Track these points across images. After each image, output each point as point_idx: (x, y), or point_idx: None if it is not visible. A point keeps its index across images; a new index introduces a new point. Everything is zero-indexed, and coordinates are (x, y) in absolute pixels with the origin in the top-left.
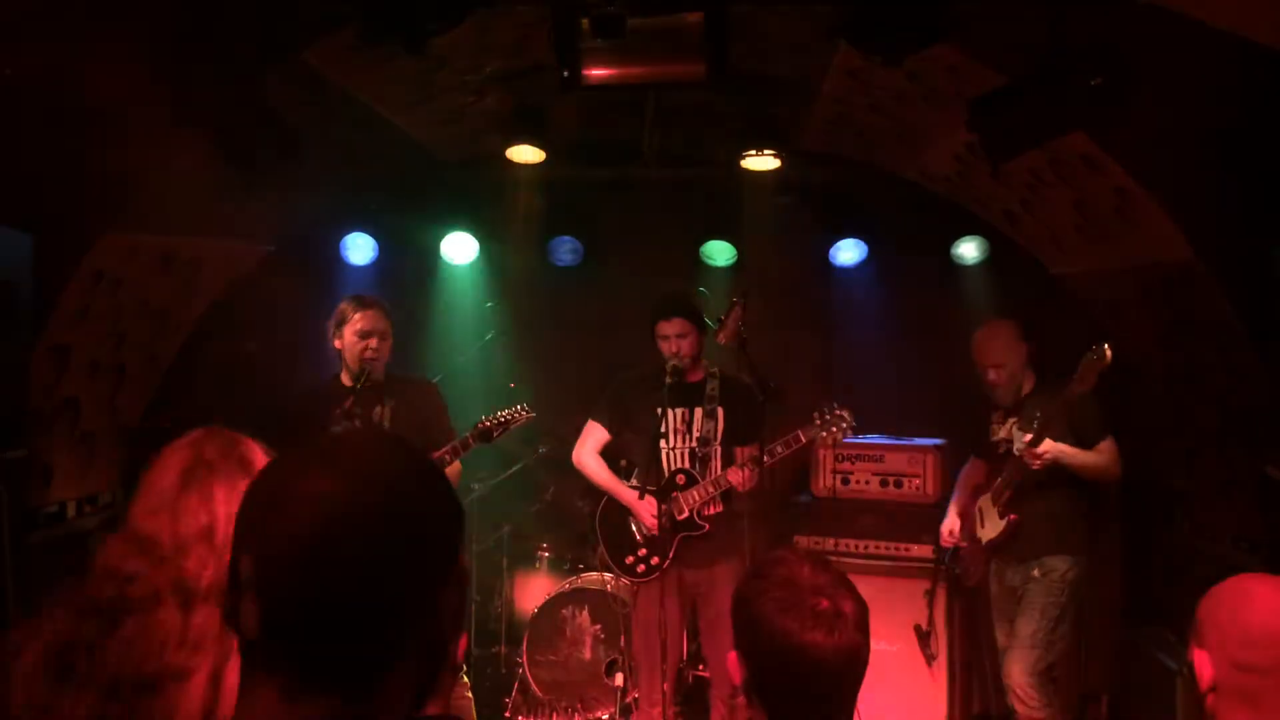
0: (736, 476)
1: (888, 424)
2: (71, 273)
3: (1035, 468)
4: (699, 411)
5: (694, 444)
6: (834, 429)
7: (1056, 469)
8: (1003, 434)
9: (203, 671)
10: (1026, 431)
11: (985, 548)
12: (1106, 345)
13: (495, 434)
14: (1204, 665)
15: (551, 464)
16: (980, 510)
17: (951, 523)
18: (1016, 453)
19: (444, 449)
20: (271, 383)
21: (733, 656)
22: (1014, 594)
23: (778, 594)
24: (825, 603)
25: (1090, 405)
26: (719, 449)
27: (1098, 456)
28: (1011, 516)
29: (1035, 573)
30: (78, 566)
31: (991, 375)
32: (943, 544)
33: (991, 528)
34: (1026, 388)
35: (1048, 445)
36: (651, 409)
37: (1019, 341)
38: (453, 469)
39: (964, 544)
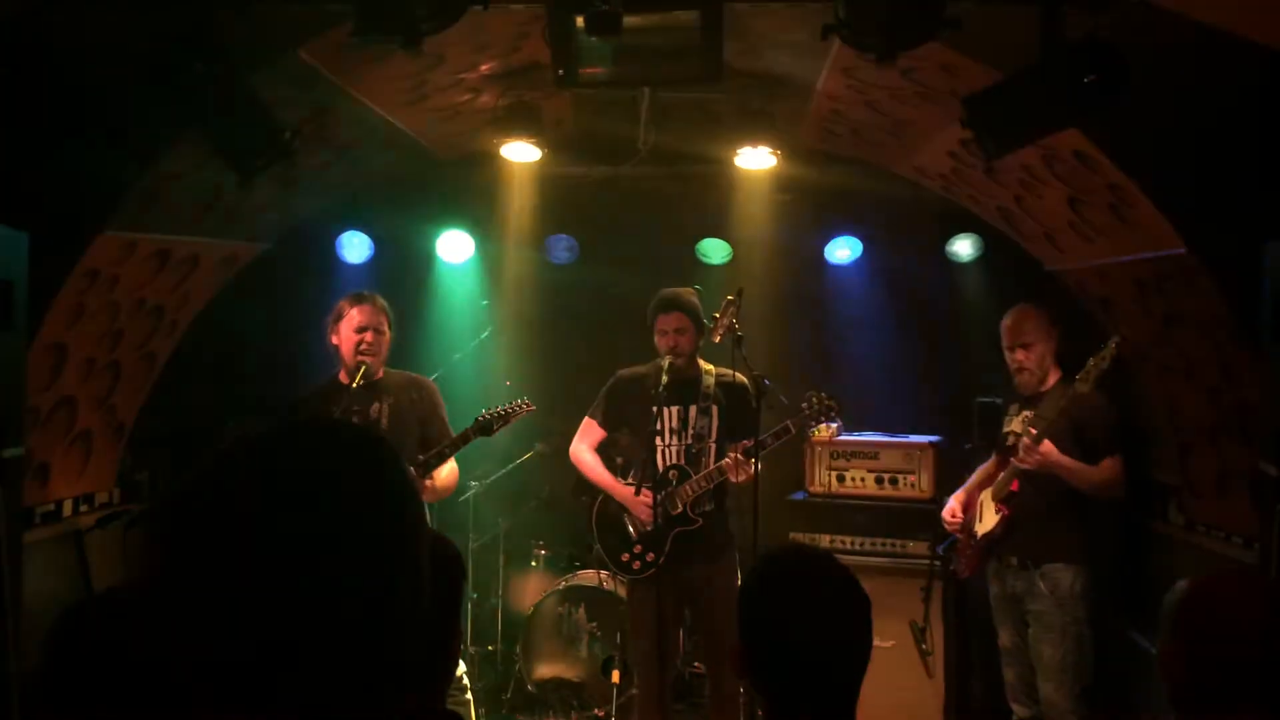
0: (730, 465)
1: (883, 421)
2: (67, 271)
3: (1025, 466)
4: (694, 409)
5: (689, 441)
6: (822, 417)
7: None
8: (1014, 426)
9: None
10: (1033, 427)
11: (981, 542)
12: (1113, 342)
13: (495, 427)
14: (1173, 661)
15: (548, 462)
16: (980, 504)
17: (953, 507)
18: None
19: (443, 444)
20: (266, 381)
21: (737, 649)
22: (1018, 602)
23: (783, 588)
24: (830, 596)
25: (1102, 417)
26: (713, 446)
27: (1095, 472)
28: (1005, 511)
29: (1041, 586)
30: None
31: (1020, 355)
32: (945, 526)
33: (987, 521)
34: (1049, 382)
35: (1048, 447)
36: (647, 407)
37: (1050, 326)
38: (450, 468)
39: (960, 534)
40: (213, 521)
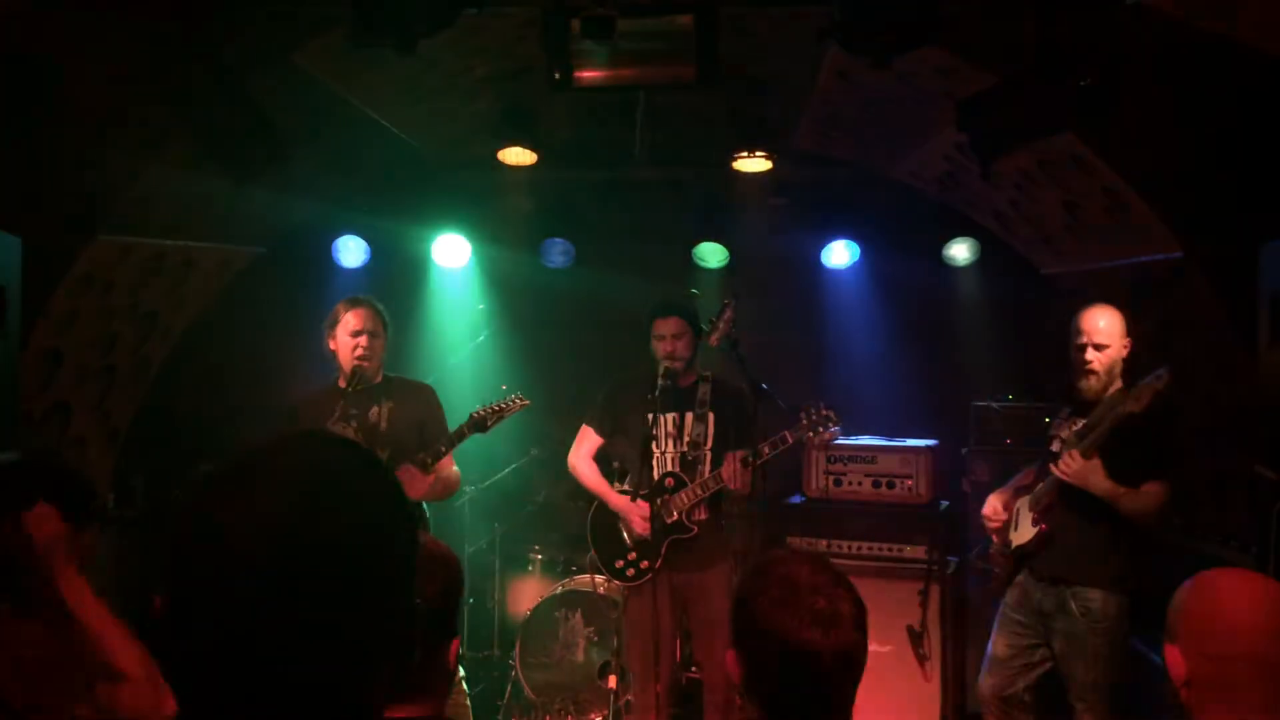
0: (728, 473)
1: (880, 425)
2: (62, 276)
3: (1065, 478)
4: (690, 416)
5: (685, 448)
6: (820, 429)
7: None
8: (1060, 431)
9: None
10: (1078, 442)
11: (1013, 553)
12: (1166, 370)
13: (490, 423)
14: (1176, 660)
15: (543, 466)
16: (1017, 512)
17: (995, 505)
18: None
19: (440, 441)
20: (262, 385)
21: (731, 655)
22: (1041, 617)
23: (776, 593)
24: (823, 602)
25: (1153, 439)
26: (709, 454)
27: (1133, 498)
28: (1042, 526)
29: (1072, 607)
30: None
31: (1090, 356)
32: (985, 524)
33: (1022, 532)
34: (1110, 391)
35: (1089, 467)
36: (643, 413)
37: (1125, 334)
38: (452, 472)
39: (996, 538)
40: (217, 535)
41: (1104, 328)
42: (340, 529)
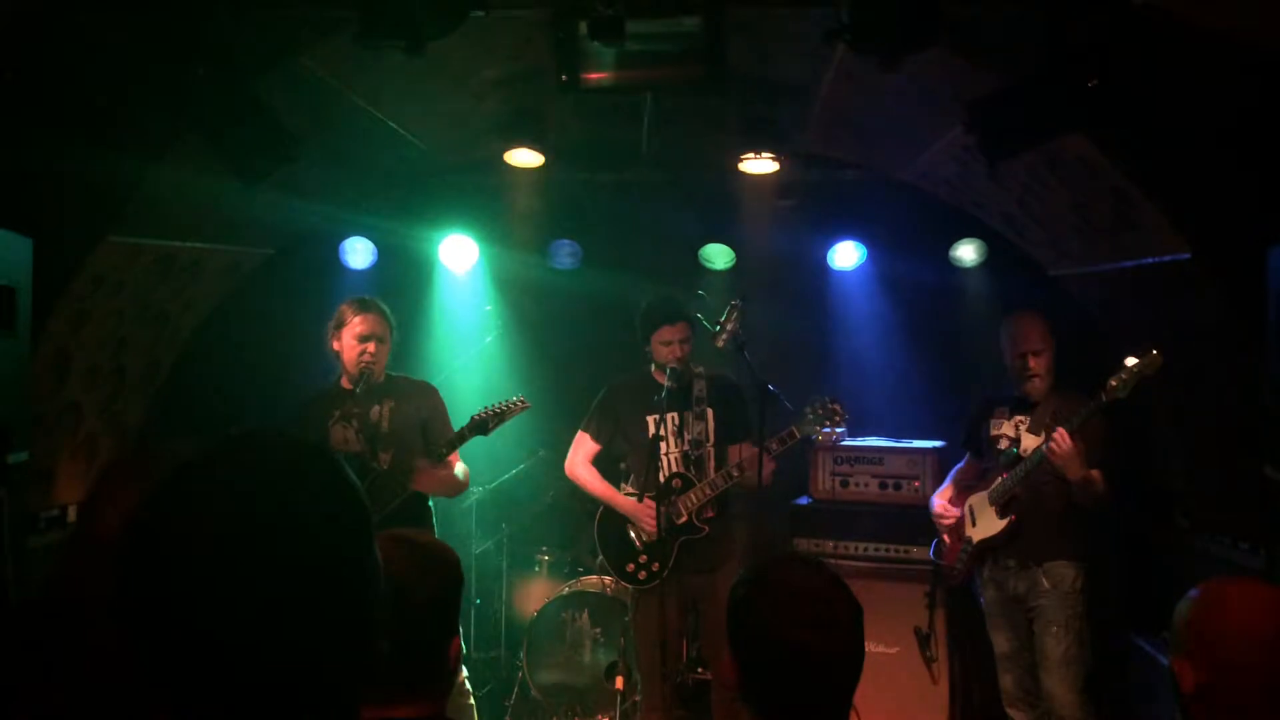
0: (745, 462)
1: (886, 427)
2: (72, 277)
3: (1055, 459)
4: (690, 415)
5: (687, 448)
6: (827, 422)
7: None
8: (1005, 430)
9: None
10: (1038, 434)
11: (975, 548)
12: (1156, 350)
13: (491, 425)
14: (1185, 672)
15: (550, 467)
16: (971, 508)
17: (942, 504)
18: (1018, 446)
19: (440, 443)
20: (270, 386)
21: (727, 659)
22: (1019, 603)
23: (773, 597)
24: (820, 606)
25: (1100, 429)
26: (711, 450)
27: (1091, 485)
28: (1012, 518)
29: (1045, 583)
30: None
31: (1032, 363)
32: (938, 523)
33: (985, 526)
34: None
35: (1080, 449)
36: (642, 415)
37: (1050, 334)
38: (459, 469)
39: (948, 537)
40: (168, 539)
41: (1036, 335)
42: (283, 520)
